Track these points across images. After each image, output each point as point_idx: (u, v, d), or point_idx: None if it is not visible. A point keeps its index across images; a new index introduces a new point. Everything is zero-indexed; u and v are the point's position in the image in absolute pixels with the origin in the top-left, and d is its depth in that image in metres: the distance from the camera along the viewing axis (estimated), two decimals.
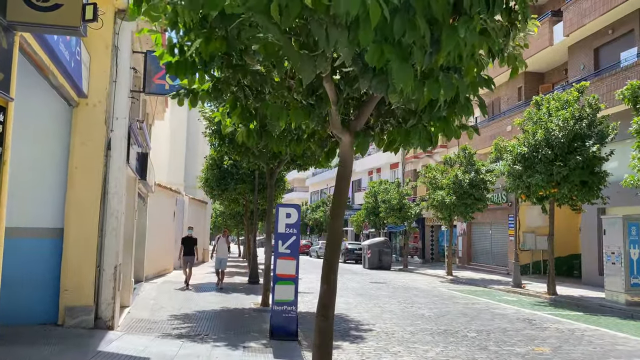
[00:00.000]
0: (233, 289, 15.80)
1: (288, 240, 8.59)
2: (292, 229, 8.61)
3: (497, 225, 27.32)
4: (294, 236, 8.62)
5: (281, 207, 8.69)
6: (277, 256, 8.58)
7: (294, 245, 8.61)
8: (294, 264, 8.57)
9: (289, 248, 8.58)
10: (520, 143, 16.53)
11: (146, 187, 14.56)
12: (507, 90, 26.40)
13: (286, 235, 8.59)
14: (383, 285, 19.44)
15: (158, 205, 18.77)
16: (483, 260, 28.85)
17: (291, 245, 8.60)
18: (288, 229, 8.60)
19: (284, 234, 8.59)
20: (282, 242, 8.59)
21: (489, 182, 23.03)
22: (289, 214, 8.63)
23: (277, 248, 8.59)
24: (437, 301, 14.63)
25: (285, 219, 8.61)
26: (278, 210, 8.63)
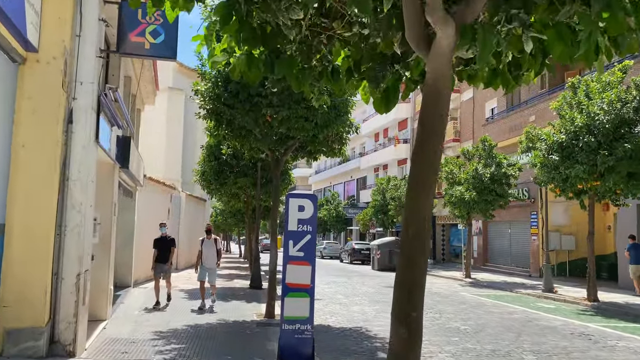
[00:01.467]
0: (232, 296, 13.93)
1: (301, 240, 6.72)
2: (307, 225, 6.74)
3: (516, 224, 25.43)
4: (308, 235, 6.74)
5: (293, 197, 6.82)
6: (287, 260, 6.71)
7: (309, 246, 6.73)
8: (309, 270, 6.69)
9: (303, 250, 6.70)
10: (557, 130, 14.64)
11: (133, 180, 12.69)
12: None
13: (299, 234, 6.72)
14: None
15: (150, 202, 16.91)
16: (500, 261, 26.95)
17: (305, 247, 6.72)
18: (301, 225, 6.73)
19: (295, 233, 6.71)
20: (293, 243, 6.72)
21: (511, 176, 21.13)
22: (302, 207, 6.75)
23: (287, 250, 6.72)
24: (467, 310, 12.75)
25: (297, 213, 6.74)
26: (288, 202, 6.76)
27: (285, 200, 6.80)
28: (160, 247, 12.02)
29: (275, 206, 11.26)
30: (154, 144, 27.25)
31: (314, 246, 6.75)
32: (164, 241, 12.13)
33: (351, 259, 34.74)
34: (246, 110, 9.74)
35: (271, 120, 9.94)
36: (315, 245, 6.80)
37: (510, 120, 24.22)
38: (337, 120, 10.30)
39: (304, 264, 6.67)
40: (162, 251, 12.00)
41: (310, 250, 6.72)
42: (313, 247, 6.75)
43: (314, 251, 6.77)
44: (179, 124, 27.72)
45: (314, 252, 6.76)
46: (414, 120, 38.50)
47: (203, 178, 17.02)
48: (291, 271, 6.65)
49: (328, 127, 10.22)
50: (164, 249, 12.02)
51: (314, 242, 6.76)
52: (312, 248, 6.74)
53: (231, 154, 15.91)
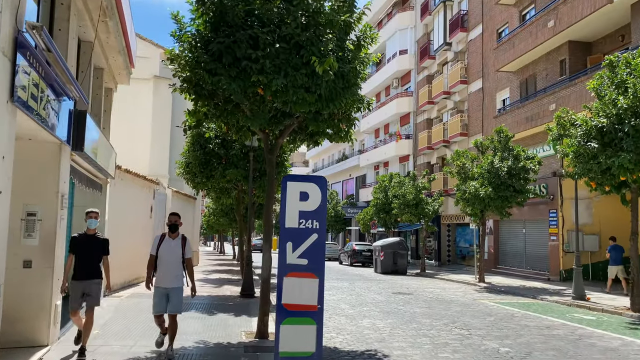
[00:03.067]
0: (219, 307, 11.89)
1: (305, 242, 4.70)
2: (313, 220, 4.73)
3: (532, 223, 23.45)
4: (314, 234, 4.74)
5: (292, 180, 4.79)
6: (284, 270, 4.69)
7: (316, 250, 4.72)
8: (315, 285, 4.68)
9: (307, 255, 4.69)
10: (595, 114, 12.67)
11: (101, 170, 10.63)
12: (546, 65, 22.53)
13: (301, 233, 4.70)
14: (410, 297, 15.54)
15: (127, 198, 14.84)
16: (514, 264, 24.97)
17: (311, 251, 4.72)
18: (304, 220, 4.72)
19: (296, 231, 4.70)
20: (292, 245, 4.70)
21: (531, 170, 19.15)
22: (305, 194, 4.74)
23: (284, 256, 4.70)
24: (497, 324, 10.74)
25: (298, 204, 4.73)
26: (286, 187, 4.73)
27: (281, 185, 4.75)
28: (81, 252, 6.94)
29: (269, 201, 9.19)
30: (139, 138, 25.18)
31: (322, 250, 4.73)
32: (90, 243, 7.07)
33: (351, 260, 32.75)
34: (232, 78, 7.70)
35: (264, 92, 7.90)
36: (324, 248, 4.77)
37: (527, 110, 22.24)
38: (346, 93, 8.27)
39: (309, 276, 4.65)
40: (85, 259, 6.97)
41: (318, 256, 4.71)
42: (321, 252, 4.73)
43: (323, 257, 4.75)
44: (166, 116, 25.64)
45: (322, 259, 4.73)
46: (417, 114, 36.53)
47: (187, 170, 14.89)
48: (290, 286, 4.63)
49: (334, 101, 8.18)
50: (88, 255, 7.01)
51: (323, 244, 4.73)
52: (320, 253, 4.72)
53: (219, 143, 13.87)
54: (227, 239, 64.62)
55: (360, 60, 8.48)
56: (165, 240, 7.06)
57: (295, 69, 7.71)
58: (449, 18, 32.22)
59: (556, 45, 21.48)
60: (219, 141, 14.31)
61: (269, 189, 9.09)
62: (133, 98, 25.55)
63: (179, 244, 7.02)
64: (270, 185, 9.08)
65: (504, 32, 26.37)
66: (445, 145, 31.75)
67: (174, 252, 6.96)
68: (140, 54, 26.32)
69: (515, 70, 24.70)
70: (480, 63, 28.41)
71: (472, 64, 29.42)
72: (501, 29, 26.78)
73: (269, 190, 9.11)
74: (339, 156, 54.99)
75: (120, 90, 25.85)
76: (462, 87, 30.12)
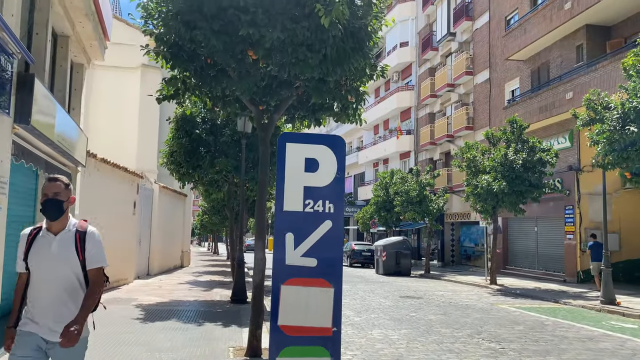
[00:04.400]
0: (206, 315, 10.31)
1: (313, 233, 3.13)
2: (325, 202, 3.17)
3: (545, 221, 21.97)
4: (327, 221, 3.17)
5: (293, 141, 3.23)
6: (281, 276, 3.12)
7: (330, 246, 3.15)
8: (329, 297, 3.10)
9: (316, 254, 3.12)
10: (633, 94, 11.18)
11: (65, 156, 9.05)
12: (561, 51, 21.04)
13: (307, 220, 3.14)
14: (420, 301, 14.00)
15: (104, 191, 13.25)
16: (524, 264, 23.49)
17: (322, 247, 3.14)
18: (312, 201, 3.15)
19: (299, 217, 3.14)
20: (294, 239, 3.14)
21: (547, 163, 17.66)
22: (312, 162, 3.19)
23: (282, 253, 3.13)
24: (530, 334, 9.21)
25: (302, 176, 3.17)
26: (284, 153, 3.16)
27: (277, 148, 3.17)
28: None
29: (262, 192, 7.61)
30: (125, 131, 23.55)
31: (339, 246, 3.17)
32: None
33: (350, 261, 31.19)
34: (214, 32, 6.14)
35: (255, 51, 6.36)
36: (341, 243, 3.21)
37: (540, 100, 20.76)
38: (356, 54, 6.73)
39: (319, 284, 3.10)
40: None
41: (333, 255, 3.14)
42: (338, 249, 3.17)
43: (340, 256, 3.19)
44: (154, 107, 23.92)
45: (339, 258, 3.17)
46: (419, 109, 35.03)
47: (171, 160, 13.26)
48: (290, 300, 3.08)
49: (343, 64, 6.64)
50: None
51: (340, 236, 3.17)
52: (336, 249, 3.16)
53: (207, 128, 12.30)
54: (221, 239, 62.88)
55: (373, 15, 6.92)
56: (39, 239, 3.16)
57: (295, 21, 6.16)
58: (452, 7, 30.75)
59: (572, 29, 20.02)
60: (207, 127, 12.70)
61: (262, 181, 7.52)
62: (119, 88, 24.00)
63: (70, 243, 3.16)
64: (263, 170, 7.51)
65: (513, 19, 24.90)
66: (449, 140, 30.25)
67: (59, 264, 3.12)
68: (126, 41, 24.74)
69: (526, 58, 23.21)
70: (487, 53, 26.93)
71: (478, 54, 27.94)
72: (510, 15, 25.30)
73: (262, 183, 7.54)
74: None
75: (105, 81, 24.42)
76: (467, 78, 28.64)
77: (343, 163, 3.17)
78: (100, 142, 20.95)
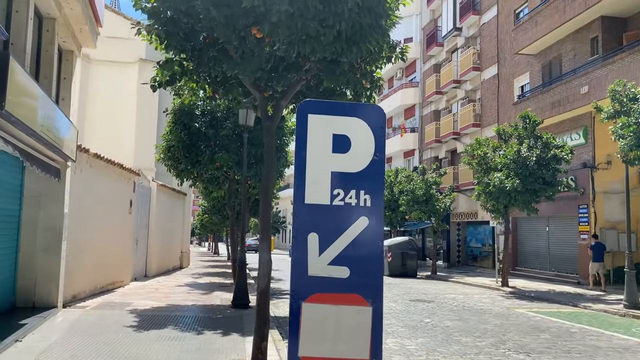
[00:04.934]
0: (205, 322, 9.53)
1: (344, 234, 2.36)
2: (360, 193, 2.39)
3: (557, 220, 21.20)
4: (362, 218, 2.38)
5: (316, 112, 2.44)
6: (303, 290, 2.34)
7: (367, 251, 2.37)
8: (366, 319, 2.33)
9: (348, 261, 2.34)
10: None
11: (52, 149, 8.29)
12: (574, 44, 20.26)
13: (336, 217, 2.36)
14: (432, 305, 13.24)
15: (97, 188, 12.49)
16: (535, 265, 22.71)
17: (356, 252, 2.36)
18: (342, 192, 2.37)
19: (325, 212, 2.36)
20: (319, 240, 2.36)
21: (563, 159, 16.89)
22: (342, 140, 2.40)
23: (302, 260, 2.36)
24: (559, 344, 8.45)
25: (329, 158, 2.38)
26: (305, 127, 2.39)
27: (296, 121, 2.40)
28: None
29: (267, 187, 6.82)
30: (123, 127, 22.82)
31: (378, 251, 2.39)
32: None
33: None
34: (215, 4, 5.38)
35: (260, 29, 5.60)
36: (382, 247, 2.44)
37: (552, 95, 19.98)
38: (374, 32, 5.96)
39: (354, 301, 2.32)
40: None
41: (370, 263, 2.36)
42: (377, 254, 2.39)
43: (381, 265, 2.41)
44: (152, 103, 23.23)
45: (379, 267, 2.39)
46: (423, 106, 34.25)
47: (169, 155, 12.44)
48: (314, 322, 2.30)
49: (359, 43, 5.88)
50: None
51: (380, 236, 2.40)
52: (375, 255, 2.38)
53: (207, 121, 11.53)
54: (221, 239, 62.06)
55: None
56: None
57: None
58: (459, 1, 29.97)
59: (587, 21, 19.23)
60: (207, 120, 11.92)
61: (268, 168, 6.75)
62: (116, 84, 23.26)
63: None
64: (268, 163, 6.74)
65: (523, 12, 24.12)
66: (456, 137, 29.46)
67: None
68: (124, 35, 23.97)
69: (537, 52, 22.42)
70: (495, 47, 26.15)
71: (486, 49, 27.16)
72: (519, 9, 24.52)
73: (268, 170, 6.77)
74: None
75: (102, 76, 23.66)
76: (474, 74, 27.85)
77: (382, 140, 2.41)
78: (96, 139, 20.22)
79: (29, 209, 9.55)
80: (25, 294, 9.47)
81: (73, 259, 10.80)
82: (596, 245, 16.82)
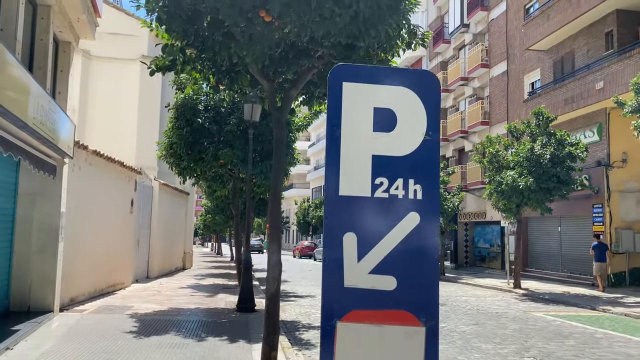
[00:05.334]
0: (209, 327, 9.04)
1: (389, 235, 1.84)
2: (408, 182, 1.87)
3: (570, 220, 20.63)
4: (412, 214, 1.87)
5: (352, 79, 1.92)
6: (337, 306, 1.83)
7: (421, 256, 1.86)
8: (419, 342, 1.82)
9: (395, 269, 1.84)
10: None
11: (47, 144, 7.81)
12: (588, 39, 19.69)
13: (378, 213, 1.85)
14: (445, 308, 12.73)
15: (97, 186, 12.02)
16: (546, 266, 22.14)
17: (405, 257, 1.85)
18: (387, 181, 1.87)
19: (364, 207, 1.85)
20: (359, 243, 1.85)
21: (577, 157, 16.34)
22: (386, 115, 1.89)
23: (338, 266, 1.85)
24: (587, 352, 7.93)
25: (368, 137, 1.88)
26: (339, 98, 1.88)
27: (328, 91, 1.90)
28: None
29: (277, 184, 6.32)
30: (124, 126, 22.34)
31: (435, 253, 1.87)
32: None
33: None
34: None
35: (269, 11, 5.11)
36: (438, 249, 1.93)
37: (565, 92, 19.42)
38: (393, 14, 5.46)
39: (401, 320, 1.80)
40: None
41: (424, 270, 1.84)
42: (433, 258, 1.87)
43: (437, 272, 1.89)
44: (154, 101, 22.78)
45: (434, 276, 1.87)
46: None
47: (171, 153, 11.92)
48: (352, 344, 1.79)
49: (377, 26, 5.37)
50: None
51: (436, 237, 1.88)
52: (430, 260, 1.86)
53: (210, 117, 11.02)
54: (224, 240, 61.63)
55: None
56: None
57: None
58: None
59: (601, 15, 18.67)
60: (211, 115, 11.41)
61: (277, 163, 6.24)
62: (118, 81, 22.79)
63: None
64: (278, 157, 6.24)
65: (533, 7, 23.56)
66: (463, 136, 28.91)
67: None
68: (126, 31, 23.54)
69: (548, 48, 21.85)
70: (504, 44, 25.59)
71: (495, 45, 26.60)
72: (529, 4, 23.95)
73: (277, 165, 6.27)
74: None
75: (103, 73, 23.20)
76: (482, 71, 27.29)
77: (437, 115, 1.91)
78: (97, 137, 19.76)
79: (24, 208, 9.08)
80: (19, 297, 8.99)
81: (71, 261, 10.33)
82: (598, 245, 16.75)
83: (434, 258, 1.86)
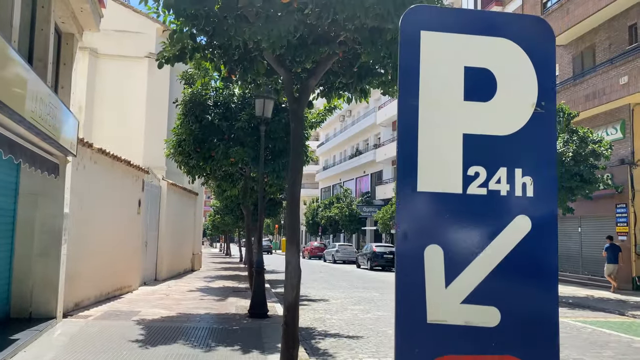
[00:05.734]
0: (220, 333, 8.51)
1: (488, 246, 1.28)
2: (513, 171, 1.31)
3: (591, 220, 19.92)
4: (521, 218, 1.31)
5: (434, 27, 1.36)
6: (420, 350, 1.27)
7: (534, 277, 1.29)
8: None
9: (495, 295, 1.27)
10: None
11: (47, 140, 7.31)
12: (610, 33, 18.99)
13: (475, 214, 1.29)
14: None
15: (102, 186, 11.55)
16: (565, 268, 21.38)
17: (507, 280, 1.28)
18: (484, 170, 1.30)
19: (455, 206, 1.29)
20: (446, 261, 1.29)
21: (601, 155, 15.67)
22: (481, 76, 1.34)
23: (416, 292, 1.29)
24: None
25: (458, 111, 1.31)
26: (416, 52, 1.31)
27: (400, 45, 1.35)
28: None
29: (295, 180, 5.77)
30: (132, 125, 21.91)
31: (554, 273, 1.30)
32: None
33: (371, 264, 29.37)
34: None
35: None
36: (557, 267, 1.37)
37: (586, 87, 18.75)
38: None
39: None
40: None
41: (538, 298, 1.27)
42: (552, 279, 1.30)
43: (556, 300, 1.32)
44: (162, 100, 22.35)
45: (554, 306, 1.31)
46: None
47: (179, 151, 11.38)
48: None
49: (407, 5, 4.81)
50: None
51: (555, 250, 1.31)
52: (549, 281, 1.30)
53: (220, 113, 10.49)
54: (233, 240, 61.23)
55: None
56: None
57: None
58: None
59: (624, 7, 17.98)
60: (221, 111, 10.87)
61: (295, 158, 5.70)
62: (125, 80, 22.39)
63: None
64: (296, 152, 5.69)
65: (551, 1, 22.86)
66: None
67: None
68: (134, 29, 23.13)
69: (567, 42, 21.16)
70: None
71: None
72: None
73: (295, 160, 5.72)
74: (352, 152, 51.55)
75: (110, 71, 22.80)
76: None
77: (552, 78, 1.36)
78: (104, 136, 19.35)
79: (25, 209, 8.61)
80: (20, 303, 8.51)
81: (75, 264, 9.85)
82: (610, 247, 16.76)
83: (552, 281, 1.30)
